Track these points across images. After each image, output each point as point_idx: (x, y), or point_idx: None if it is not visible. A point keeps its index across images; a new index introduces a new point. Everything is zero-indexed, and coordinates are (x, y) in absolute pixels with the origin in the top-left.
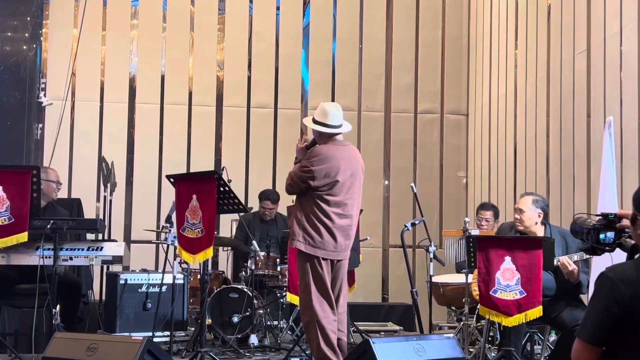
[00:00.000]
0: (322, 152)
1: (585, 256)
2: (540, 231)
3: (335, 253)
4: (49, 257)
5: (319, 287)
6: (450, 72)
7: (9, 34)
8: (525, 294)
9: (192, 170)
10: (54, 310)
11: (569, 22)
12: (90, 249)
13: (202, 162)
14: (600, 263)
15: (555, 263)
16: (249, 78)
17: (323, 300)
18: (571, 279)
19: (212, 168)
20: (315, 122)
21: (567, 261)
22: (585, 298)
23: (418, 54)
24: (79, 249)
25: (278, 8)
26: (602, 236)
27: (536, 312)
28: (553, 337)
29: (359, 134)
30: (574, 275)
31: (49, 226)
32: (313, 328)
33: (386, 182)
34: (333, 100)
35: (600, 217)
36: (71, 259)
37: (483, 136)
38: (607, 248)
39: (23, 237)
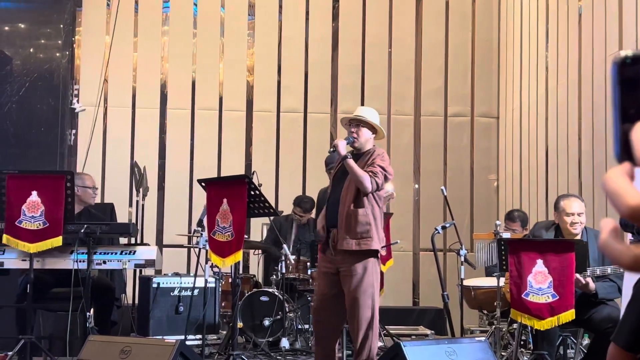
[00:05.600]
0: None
1: (621, 269)
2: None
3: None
4: (83, 261)
5: (377, 285)
6: (480, 74)
7: (42, 41)
8: (558, 297)
9: (222, 174)
10: (87, 313)
11: (600, 24)
12: (124, 253)
13: (233, 167)
14: None
15: (589, 274)
16: (279, 83)
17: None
18: (587, 291)
19: (242, 172)
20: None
21: (579, 278)
22: (619, 300)
23: (448, 57)
24: (112, 253)
25: (307, 13)
26: None
27: (568, 315)
28: (586, 341)
29: (388, 138)
30: (588, 289)
31: (82, 230)
32: (372, 330)
33: (416, 186)
34: (362, 104)
35: None
36: (104, 262)
37: (514, 139)
38: None
39: (57, 241)
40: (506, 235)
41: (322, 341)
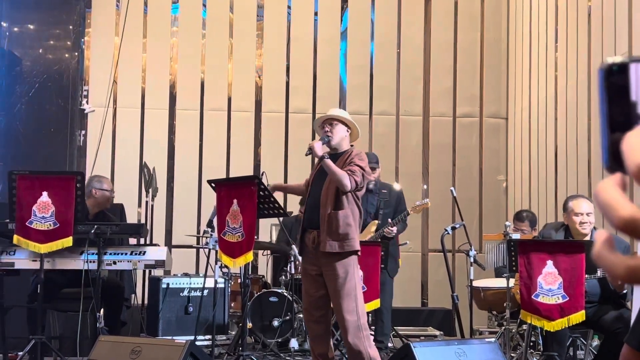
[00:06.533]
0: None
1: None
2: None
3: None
4: (93, 262)
5: (359, 286)
6: (489, 75)
7: (52, 42)
8: (568, 299)
9: (231, 175)
10: (98, 314)
11: (609, 24)
12: (134, 254)
13: (242, 167)
14: None
15: (600, 274)
16: (287, 83)
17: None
18: (619, 289)
19: (251, 173)
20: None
21: None
22: (629, 303)
23: (457, 57)
24: (122, 254)
25: (316, 13)
26: None
27: (579, 316)
28: (596, 342)
29: (397, 138)
30: (622, 287)
31: (93, 231)
32: (362, 331)
33: (425, 186)
34: (371, 104)
35: None
36: (115, 263)
37: (523, 140)
38: None
39: (68, 242)
40: (515, 236)
41: (317, 339)
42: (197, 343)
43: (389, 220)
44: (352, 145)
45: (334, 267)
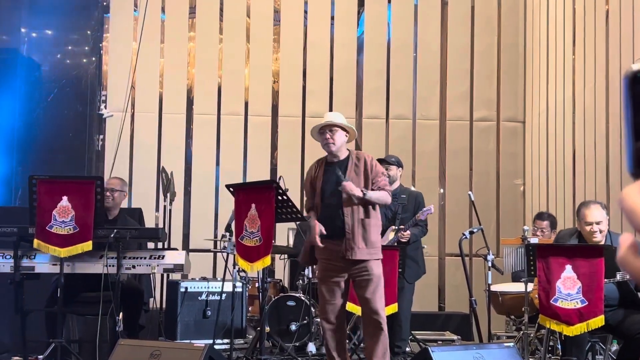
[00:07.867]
0: None
1: None
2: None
3: None
4: (113, 266)
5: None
6: (506, 79)
7: (70, 47)
8: (587, 303)
9: (248, 179)
10: (117, 317)
11: (627, 27)
12: (152, 258)
13: (258, 172)
14: None
15: (619, 278)
16: (304, 88)
17: None
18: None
19: (267, 177)
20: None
21: None
22: None
23: (473, 61)
24: (141, 258)
25: (332, 18)
26: None
27: (598, 321)
28: (615, 347)
29: (414, 143)
30: None
31: (112, 235)
32: (385, 335)
33: (442, 191)
34: (388, 108)
35: None
36: (134, 267)
37: (540, 143)
38: None
39: (88, 246)
40: (534, 240)
41: (339, 345)
42: (216, 347)
43: (401, 225)
44: (349, 150)
45: (368, 272)
